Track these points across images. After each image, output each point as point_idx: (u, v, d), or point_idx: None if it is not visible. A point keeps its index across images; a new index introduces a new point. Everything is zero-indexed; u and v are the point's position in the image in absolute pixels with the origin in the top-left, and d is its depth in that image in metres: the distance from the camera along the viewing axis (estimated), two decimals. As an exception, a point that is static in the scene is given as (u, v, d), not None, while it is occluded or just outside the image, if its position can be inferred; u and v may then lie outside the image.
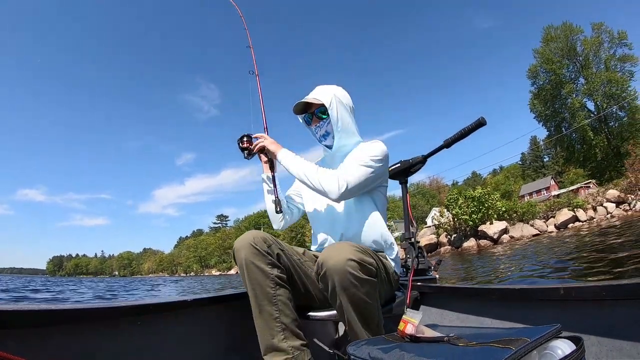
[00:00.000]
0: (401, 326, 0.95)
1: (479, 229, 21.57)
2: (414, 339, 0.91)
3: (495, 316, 1.28)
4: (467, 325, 1.32)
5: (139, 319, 1.05)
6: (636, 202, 18.04)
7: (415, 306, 1.74)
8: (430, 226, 31.98)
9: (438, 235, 26.10)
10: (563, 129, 31.24)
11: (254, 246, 1.19)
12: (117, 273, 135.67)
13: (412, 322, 0.93)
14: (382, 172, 1.41)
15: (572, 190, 34.59)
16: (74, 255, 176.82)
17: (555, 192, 40.39)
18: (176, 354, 1.17)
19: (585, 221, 19.18)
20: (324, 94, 1.42)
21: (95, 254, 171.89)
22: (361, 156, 1.36)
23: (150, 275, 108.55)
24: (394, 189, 1.96)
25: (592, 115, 30.26)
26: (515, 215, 21.42)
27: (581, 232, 14.06)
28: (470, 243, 22.16)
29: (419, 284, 1.77)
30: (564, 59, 30.94)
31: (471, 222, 21.91)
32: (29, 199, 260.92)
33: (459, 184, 69.83)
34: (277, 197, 1.52)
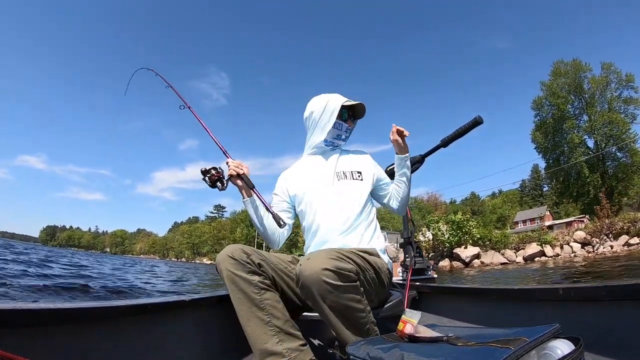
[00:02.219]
0: (400, 326, 0.96)
1: (454, 251, 22.93)
2: (412, 338, 0.92)
3: (494, 316, 1.28)
4: (465, 325, 1.32)
5: (138, 319, 1.05)
6: (599, 246, 19.14)
7: (413, 306, 1.71)
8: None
9: (418, 252, 26.93)
10: (562, 162, 31.91)
11: (232, 257, 1.23)
12: (108, 250, 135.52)
13: (411, 322, 0.94)
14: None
15: (566, 222, 35.22)
16: (67, 227, 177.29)
17: (548, 223, 40.81)
18: (175, 354, 1.18)
19: (551, 257, 20.46)
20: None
21: (90, 228, 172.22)
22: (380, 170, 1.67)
23: (141, 256, 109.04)
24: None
25: (590, 152, 30.85)
26: (489, 243, 22.77)
27: (545, 266, 15.25)
28: (445, 263, 23.47)
29: (417, 283, 1.75)
30: (570, 95, 31.56)
31: (448, 244, 23.22)
32: (29, 166, 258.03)
33: (456, 202, 70.45)
34: (273, 212, 1.42)
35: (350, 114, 1.60)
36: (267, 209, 1.45)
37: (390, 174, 1.87)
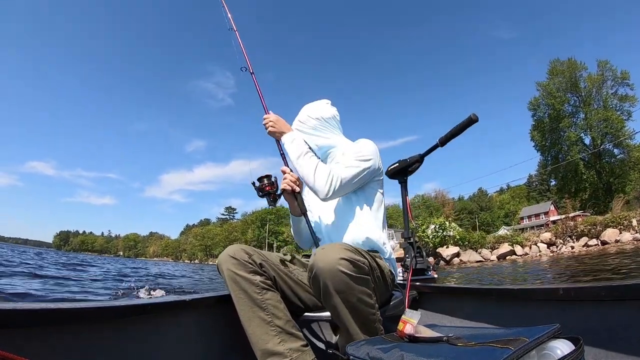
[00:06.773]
0: (400, 326, 0.95)
1: (437, 250, 25.11)
2: (412, 339, 0.91)
3: (494, 316, 1.28)
4: (465, 326, 1.32)
5: (138, 319, 1.05)
6: (561, 246, 21.71)
7: (413, 306, 1.72)
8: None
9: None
10: (560, 159, 32.50)
11: (233, 257, 1.23)
12: (121, 253, 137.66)
13: (411, 322, 0.94)
14: (372, 170, 1.44)
15: (570, 217, 35.77)
16: (80, 232, 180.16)
17: (553, 218, 41.30)
18: (175, 354, 1.17)
19: (520, 255, 22.66)
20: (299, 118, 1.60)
21: (102, 232, 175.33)
22: (347, 158, 1.43)
23: (154, 258, 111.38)
24: (394, 190, 1.97)
25: (587, 149, 31.40)
26: (467, 243, 25.05)
27: (514, 263, 17.30)
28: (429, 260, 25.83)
29: (417, 284, 1.77)
30: (566, 93, 32.04)
31: (432, 244, 25.32)
32: (38, 172, 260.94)
33: (464, 199, 70.73)
34: (315, 236, 1.48)
35: None
36: (311, 233, 1.48)
37: (392, 174, 1.91)
